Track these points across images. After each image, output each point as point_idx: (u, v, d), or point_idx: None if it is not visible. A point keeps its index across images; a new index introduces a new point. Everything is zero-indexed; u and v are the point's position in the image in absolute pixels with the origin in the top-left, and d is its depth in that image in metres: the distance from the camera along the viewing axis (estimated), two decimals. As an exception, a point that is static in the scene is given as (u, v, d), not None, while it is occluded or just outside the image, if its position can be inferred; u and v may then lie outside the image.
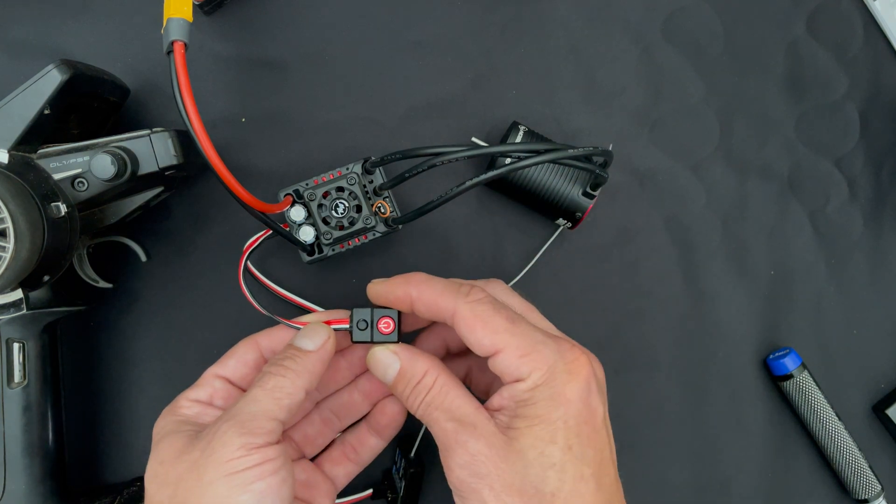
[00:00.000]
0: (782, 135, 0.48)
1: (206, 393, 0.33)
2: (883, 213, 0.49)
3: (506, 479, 0.28)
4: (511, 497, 0.28)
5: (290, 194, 0.38)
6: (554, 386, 0.29)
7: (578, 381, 0.30)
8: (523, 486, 0.28)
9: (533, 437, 0.28)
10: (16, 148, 0.32)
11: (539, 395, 0.29)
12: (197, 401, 0.33)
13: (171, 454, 0.29)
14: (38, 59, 0.40)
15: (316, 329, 0.33)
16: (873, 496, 0.46)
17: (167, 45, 0.29)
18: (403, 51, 0.43)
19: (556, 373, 0.29)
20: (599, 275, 0.45)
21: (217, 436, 0.28)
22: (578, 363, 0.30)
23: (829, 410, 0.46)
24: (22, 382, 0.35)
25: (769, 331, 0.47)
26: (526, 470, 0.28)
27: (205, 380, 0.34)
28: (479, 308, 0.30)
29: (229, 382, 0.34)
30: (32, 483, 0.35)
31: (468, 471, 0.28)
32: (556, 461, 0.28)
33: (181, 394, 0.33)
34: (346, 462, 0.38)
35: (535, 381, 0.29)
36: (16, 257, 0.29)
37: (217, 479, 0.27)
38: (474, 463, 0.28)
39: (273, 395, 0.30)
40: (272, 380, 0.30)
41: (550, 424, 0.29)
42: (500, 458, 0.28)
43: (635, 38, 0.46)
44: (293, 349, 0.32)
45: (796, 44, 0.48)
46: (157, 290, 0.42)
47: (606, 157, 0.38)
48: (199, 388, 0.34)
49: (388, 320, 0.33)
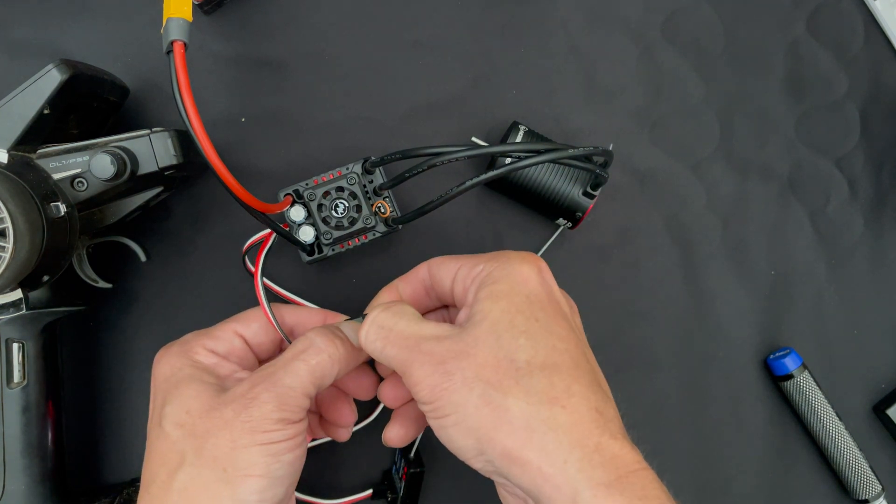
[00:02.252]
0: (782, 135, 0.48)
1: (224, 348, 0.33)
2: (883, 213, 0.49)
3: (478, 361, 0.27)
4: (484, 379, 0.26)
5: (290, 194, 0.38)
6: (510, 266, 0.30)
7: (531, 264, 0.30)
8: (497, 362, 0.27)
9: (499, 311, 0.28)
10: (15, 148, 0.32)
11: (497, 273, 0.30)
12: (214, 352, 0.33)
13: (200, 406, 0.29)
14: (38, 59, 0.40)
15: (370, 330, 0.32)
16: (873, 496, 0.46)
17: (167, 45, 0.29)
18: (403, 51, 0.43)
19: (510, 257, 0.30)
20: (599, 275, 0.45)
21: (255, 404, 0.28)
22: (530, 255, 0.31)
23: (829, 410, 0.46)
24: (22, 382, 0.35)
25: (769, 331, 0.47)
26: (498, 342, 0.27)
27: (224, 333, 0.34)
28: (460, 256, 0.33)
29: (247, 344, 0.34)
30: (32, 483, 0.35)
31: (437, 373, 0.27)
32: (525, 328, 0.28)
33: (194, 337, 0.33)
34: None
35: (490, 266, 0.30)
36: (15, 257, 0.29)
37: (253, 445, 0.27)
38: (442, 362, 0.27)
39: (313, 373, 0.30)
40: (317, 357, 0.30)
41: (513, 297, 0.28)
42: (468, 345, 0.27)
43: (635, 38, 0.46)
44: (343, 335, 0.32)
45: (796, 44, 0.48)
46: (157, 290, 0.42)
47: (606, 157, 0.38)
48: (218, 341, 0.33)
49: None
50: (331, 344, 0.31)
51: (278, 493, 0.28)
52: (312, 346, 0.30)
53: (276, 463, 0.28)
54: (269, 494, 0.28)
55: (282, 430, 0.28)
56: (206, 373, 0.31)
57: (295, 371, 0.29)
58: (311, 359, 0.30)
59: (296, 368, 0.29)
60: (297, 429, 0.29)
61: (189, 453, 0.28)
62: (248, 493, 0.27)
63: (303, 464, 0.30)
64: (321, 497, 0.40)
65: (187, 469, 0.28)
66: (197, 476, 0.27)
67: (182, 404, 0.29)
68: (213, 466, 0.27)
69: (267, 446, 0.28)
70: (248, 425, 0.28)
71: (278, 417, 0.28)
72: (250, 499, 0.27)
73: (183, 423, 0.29)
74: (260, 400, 0.28)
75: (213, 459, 0.27)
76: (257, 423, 0.28)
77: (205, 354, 0.33)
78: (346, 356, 0.31)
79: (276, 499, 0.28)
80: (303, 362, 0.30)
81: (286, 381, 0.29)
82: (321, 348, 0.30)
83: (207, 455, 0.27)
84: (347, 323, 0.34)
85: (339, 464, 0.42)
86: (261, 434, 0.28)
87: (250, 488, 0.27)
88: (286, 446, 0.28)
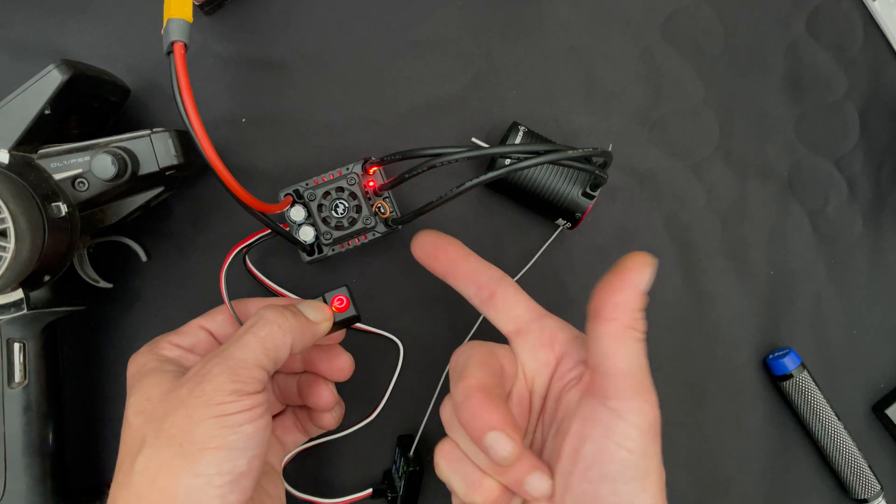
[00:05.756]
0: (782, 135, 0.48)
1: (189, 341, 0.34)
2: (883, 214, 0.49)
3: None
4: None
5: (290, 194, 0.38)
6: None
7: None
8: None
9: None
10: (16, 148, 0.32)
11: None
12: (179, 346, 0.34)
13: (158, 391, 0.29)
14: (38, 59, 0.40)
15: (321, 306, 0.34)
16: (873, 496, 0.46)
17: (167, 46, 0.29)
18: (403, 51, 0.43)
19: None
20: (599, 275, 0.45)
21: (207, 378, 0.28)
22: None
23: (828, 410, 0.46)
24: (22, 382, 0.35)
25: (769, 331, 0.47)
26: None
27: (189, 328, 0.35)
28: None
29: (213, 336, 0.35)
30: (33, 483, 0.35)
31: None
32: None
33: (162, 336, 0.34)
34: (295, 431, 0.39)
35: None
36: (16, 257, 0.29)
37: (207, 418, 0.27)
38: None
39: (264, 345, 0.30)
40: (266, 328, 0.30)
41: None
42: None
43: (635, 38, 0.46)
44: (295, 309, 0.32)
45: (796, 44, 0.48)
46: (157, 290, 0.42)
47: (606, 158, 0.38)
48: (183, 335, 0.34)
49: (342, 297, 0.34)
50: (279, 315, 0.31)
51: (239, 464, 0.28)
52: (261, 320, 0.31)
53: (232, 434, 0.27)
54: (227, 466, 0.27)
55: (236, 402, 0.28)
56: (168, 363, 0.32)
57: (245, 344, 0.30)
58: (260, 331, 0.30)
59: (246, 342, 0.30)
60: (254, 400, 0.29)
61: (149, 436, 0.28)
62: (205, 467, 0.27)
63: (267, 438, 0.29)
64: (321, 496, 0.40)
65: (146, 451, 0.28)
66: (155, 456, 0.27)
67: (143, 393, 0.30)
68: (170, 444, 0.27)
69: (222, 418, 0.27)
70: (202, 399, 0.28)
71: (231, 389, 0.28)
72: (208, 471, 0.27)
73: (143, 409, 0.29)
74: (212, 374, 0.28)
75: (170, 438, 0.27)
76: (210, 396, 0.28)
77: (169, 348, 0.33)
78: (299, 327, 0.32)
79: (236, 470, 0.28)
80: (252, 335, 0.30)
81: (237, 354, 0.29)
82: (269, 320, 0.31)
83: (165, 435, 0.28)
84: (305, 301, 0.34)
85: (339, 463, 0.43)
86: (214, 406, 0.28)
87: (207, 461, 0.27)
88: (243, 417, 0.28)
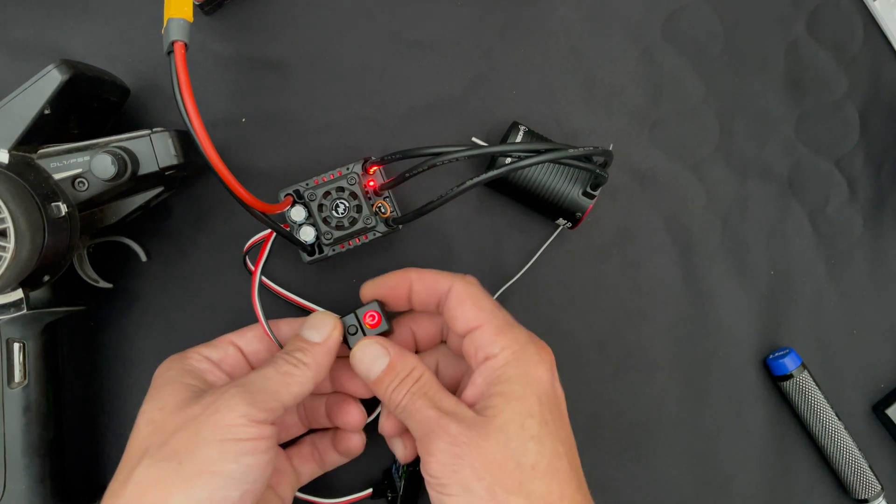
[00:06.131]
0: (782, 135, 0.48)
1: (219, 354, 0.34)
2: (883, 213, 0.49)
3: (487, 456, 0.28)
4: (492, 473, 0.28)
5: (291, 194, 0.38)
6: (526, 364, 0.31)
7: (546, 364, 0.31)
8: (504, 462, 0.28)
9: (512, 411, 0.29)
10: (16, 148, 0.32)
11: (512, 371, 0.30)
12: (208, 358, 0.34)
13: (173, 403, 0.29)
14: (38, 59, 0.40)
15: (322, 319, 0.34)
16: (873, 496, 0.46)
17: (167, 46, 0.29)
18: (403, 51, 0.43)
19: (528, 353, 0.31)
20: (599, 275, 0.46)
21: (223, 399, 0.28)
22: (545, 350, 0.32)
23: (828, 410, 0.46)
24: (22, 382, 0.35)
25: (769, 331, 0.47)
26: (507, 444, 0.28)
27: (220, 342, 0.35)
28: (472, 288, 0.34)
29: (242, 353, 0.35)
30: (33, 483, 0.35)
31: (449, 454, 0.29)
32: (535, 433, 0.29)
33: (194, 347, 0.34)
34: (312, 462, 0.38)
35: (507, 357, 0.31)
36: (16, 257, 0.29)
37: (212, 441, 0.27)
38: (455, 444, 0.29)
39: (284, 380, 0.30)
40: (285, 365, 0.31)
41: (526, 400, 0.30)
42: (480, 437, 0.29)
43: (635, 38, 0.46)
44: (301, 341, 0.33)
45: (796, 44, 0.48)
46: (157, 290, 0.42)
47: (606, 157, 0.38)
48: (213, 349, 0.34)
49: (373, 313, 0.35)
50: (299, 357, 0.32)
51: (231, 495, 0.27)
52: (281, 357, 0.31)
53: (234, 463, 0.27)
54: (219, 495, 0.27)
55: (245, 427, 0.28)
56: (190, 375, 0.32)
57: (265, 375, 0.30)
58: (280, 366, 0.31)
59: (266, 373, 0.30)
60: (263, 431, 0.28)
61: (152, 447, 0.28)
62: (197, 491, 0.26)
63: (266, 476, 0.29)
64: (321, 496, 0.40)
65: (145, 462, 0.27)
66: (153, 469, 0.27)
67: (158, 402, 0.30)
68: (170, 459, 0.27)
69: (227, 443, 0.27)
70: (213, 419, 0.28)
71: (243, 412, 0.28)
72: (199, 496, 0.26)
73: (154, 419, 0.29)
74: (228, 395, 0.28)
75: (173, 452, 0.27)
76: (221, 416, 0.28)
77: (198, 359, 0.33)
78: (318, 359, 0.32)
79: (227, 500, 0.27)
80: (273, 368, 0.31)
81: (257, 383, 0.30)
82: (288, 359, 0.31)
83: (168, 448, 0.27)
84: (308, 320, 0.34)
85: (339, 463, 0.43)
86: (223, 428, 0.27)
87: (202, 484, 0.26)
88: (249, 447, 0.27)
